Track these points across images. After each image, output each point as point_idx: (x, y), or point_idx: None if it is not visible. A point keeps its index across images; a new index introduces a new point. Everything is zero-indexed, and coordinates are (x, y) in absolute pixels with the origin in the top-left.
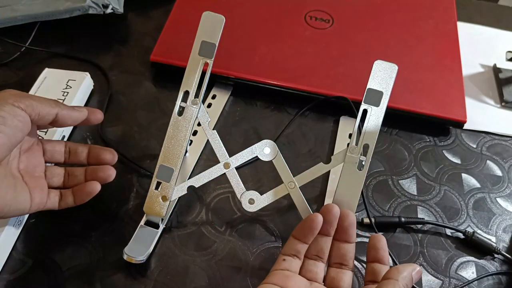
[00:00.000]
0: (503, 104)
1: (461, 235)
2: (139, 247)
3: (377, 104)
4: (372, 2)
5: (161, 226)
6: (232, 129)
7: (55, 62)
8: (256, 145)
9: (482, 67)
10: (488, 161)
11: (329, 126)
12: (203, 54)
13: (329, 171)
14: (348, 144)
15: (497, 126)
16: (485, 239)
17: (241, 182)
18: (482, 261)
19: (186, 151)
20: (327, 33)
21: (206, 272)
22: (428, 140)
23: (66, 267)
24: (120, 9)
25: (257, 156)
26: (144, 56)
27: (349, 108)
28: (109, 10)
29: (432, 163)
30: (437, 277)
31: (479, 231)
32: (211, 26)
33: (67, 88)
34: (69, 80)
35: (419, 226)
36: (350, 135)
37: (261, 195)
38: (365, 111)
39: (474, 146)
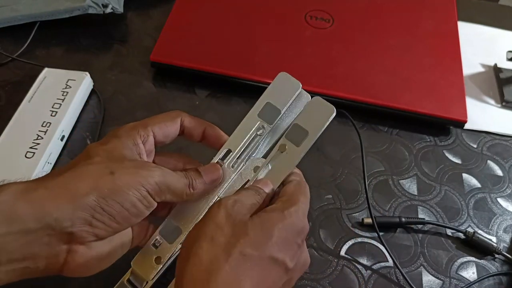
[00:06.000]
0: (503, 104)
1: (461, 235)
2: None
3: (298, 143)
4: (373, 2)
5: None
6: (232, 129)
7: (55, 62)
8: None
9: (482, 67)
10: (488, 161)
11: (330, 126)
12: (263, 117)
13: None
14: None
15: (498, 126)
16: (485, 239)
17: None
18: (482, 262)
19: None
20: (327, 33)
21: None
22: (428, 140)
23: None
24: (120, 9)
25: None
26: (144, 56)
27: (350, 109)
28: (108, 10)
29: (432, 163)
30: (437, 277)
31: (479, 231)
32: (283, 90)
33: (66, 88)
34: (68, 80)
35: (420, 226)
36: None
37: None
38: (282, 147)
39: (475, 146)
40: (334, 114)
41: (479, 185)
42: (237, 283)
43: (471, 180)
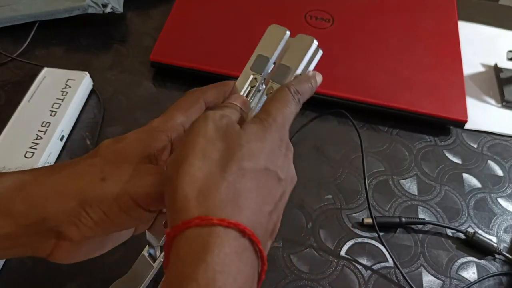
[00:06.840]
0: (504, 104)
1: (462, 236)
2: (131, 283)
3: (282, 81)
4: (373, 2)
5: (159, 259)
6: None
7: (54, 61)
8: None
9: (483, 66)
10: (489, 161)
11: (330, 126)
12: (255, 69)
13: None
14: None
15: (498, 126)
16: (486, 239)
17: None
18: (483, 262)
19: None
20: (327, 33)
21: None
22: (428, 140)
23: (66, 267)
24: (120, 9)
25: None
26: (144, 56)
27: (350, 109)
28: (108, 10)
29: (432, 163)
30: (438, 278)
31: (480, 232)
32: (271, 39)
33: (66, 88)
34: (68, 79)
35: (420, 226)
36: None
37: None
38: (269, 89)
39: (475, 146)
40: (315, 43)
41: (479, 185)
42: (236, 198)
43: (472, 180)
